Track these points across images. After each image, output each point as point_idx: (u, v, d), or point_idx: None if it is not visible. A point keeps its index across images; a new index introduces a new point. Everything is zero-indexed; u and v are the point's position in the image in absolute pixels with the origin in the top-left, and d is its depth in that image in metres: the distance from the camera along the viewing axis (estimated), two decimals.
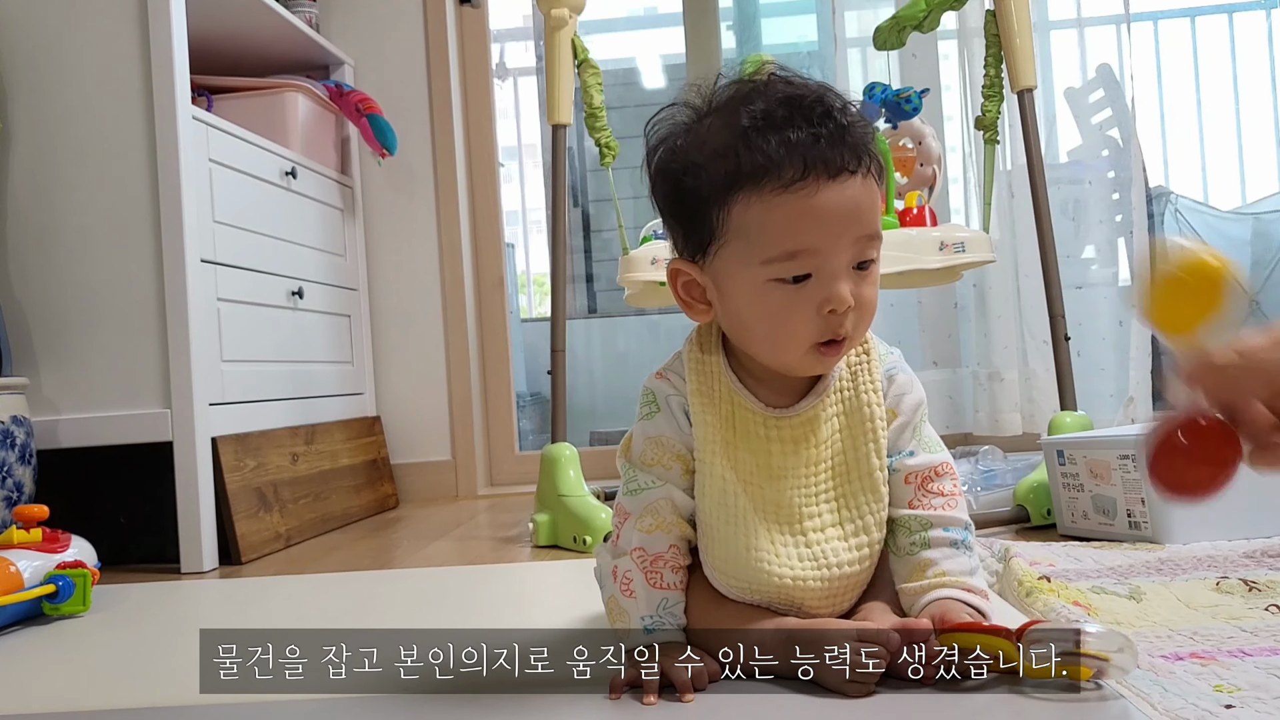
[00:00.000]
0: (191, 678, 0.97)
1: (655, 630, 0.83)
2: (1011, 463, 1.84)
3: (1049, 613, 0.95)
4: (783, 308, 0.79)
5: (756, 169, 0.78)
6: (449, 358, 2.50)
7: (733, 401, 0.86)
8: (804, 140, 0.77)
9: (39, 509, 1.31)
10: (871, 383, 0.87)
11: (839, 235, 0.78)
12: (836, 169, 0.77)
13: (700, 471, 0.85)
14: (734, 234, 0.80)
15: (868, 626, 0.76)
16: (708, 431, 0.85)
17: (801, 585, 0.83)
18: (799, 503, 0.84)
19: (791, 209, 0.77)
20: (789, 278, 0.79)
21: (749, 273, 0.80)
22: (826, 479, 0.85)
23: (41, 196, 1.70)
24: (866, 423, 0.86)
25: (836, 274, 0.79)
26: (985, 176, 1.79)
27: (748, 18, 3.53)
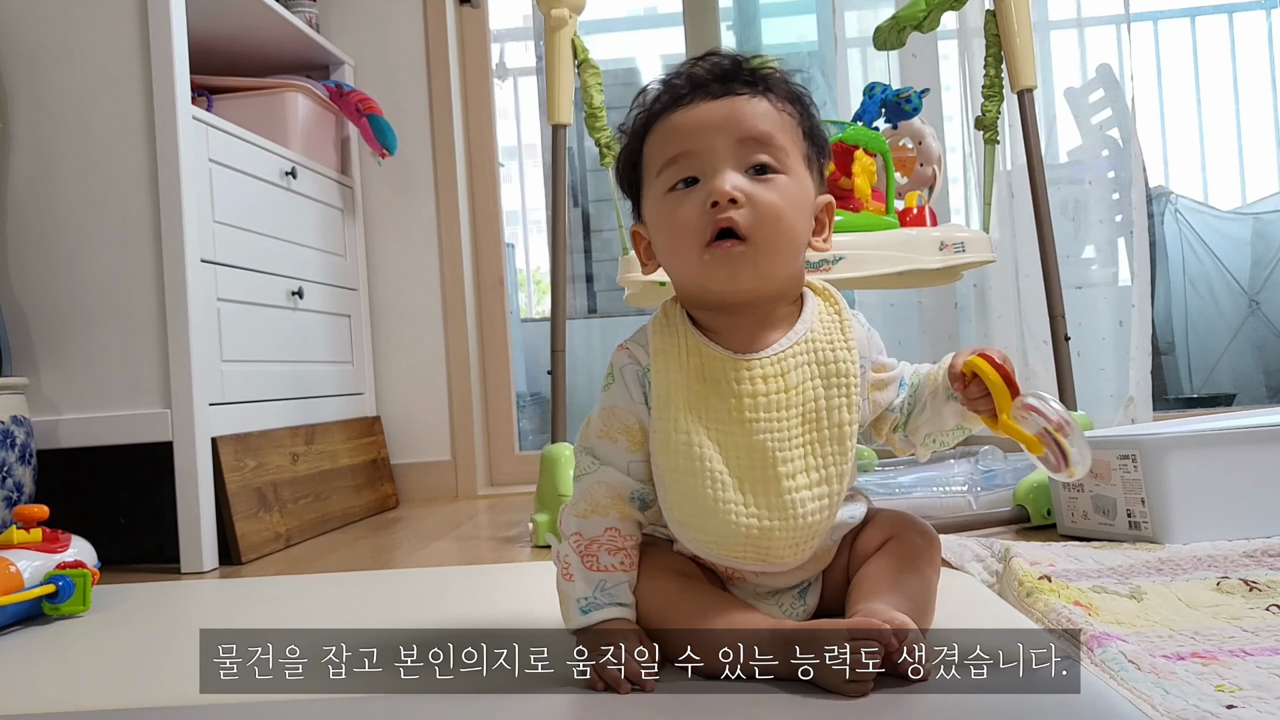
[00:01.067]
0: (191, 678, 0.98)
1: (591, 610, 0.85)
2: (1011, 463, 1.84)
3: (1049, 613, 0.94)
4: (675, 210, 0.86)
5: (656, 109, 0.89)
6: (449, 358, 2.50)
7: (700, 353, 0.88)
8: (689, 74, 0.88)
9: (39, 509, 1.31)
10: (844, 338, 0.89)
11: (715, 136, 0.85)
12: (721, 92, 0.86)
13: (660, 431, 0.86)
14: (645, 168, 0.90)
15: (859, 624, 0.76)
16: (670, 389, 0.87)
17: (769, 533, 0.85)
18: (772, 447, 0.85)
19: (672, 122, 0.87)
20: (679, 183, 0.86)
21: (652, 193, 0.88)
22: (797, 424, 0.86)
23: (42, 197, 1.70)
24: (837, 376, 0.88)
25: (718, 173, 0.84)
26: (985, 176, 1.79)
27: (748, 18, 3.53)
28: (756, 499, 0.85)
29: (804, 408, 0.87)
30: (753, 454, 0.85)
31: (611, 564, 0.86)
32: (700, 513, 0.85)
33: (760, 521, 0.84)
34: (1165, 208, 2.93)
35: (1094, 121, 2.47)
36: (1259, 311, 2.97)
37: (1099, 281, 2.45)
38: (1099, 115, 2.46)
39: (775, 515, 0.85)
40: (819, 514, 0.86)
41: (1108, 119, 2.44)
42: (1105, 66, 2.44)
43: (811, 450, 0.86)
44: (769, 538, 0.85)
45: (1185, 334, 3.06)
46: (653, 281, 1.69)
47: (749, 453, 0.85)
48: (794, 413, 0.86)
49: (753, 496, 0.85)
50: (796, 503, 0.85)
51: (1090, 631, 0.85)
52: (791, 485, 0.85)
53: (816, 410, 0.87)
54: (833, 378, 0.88)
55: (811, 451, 0.86)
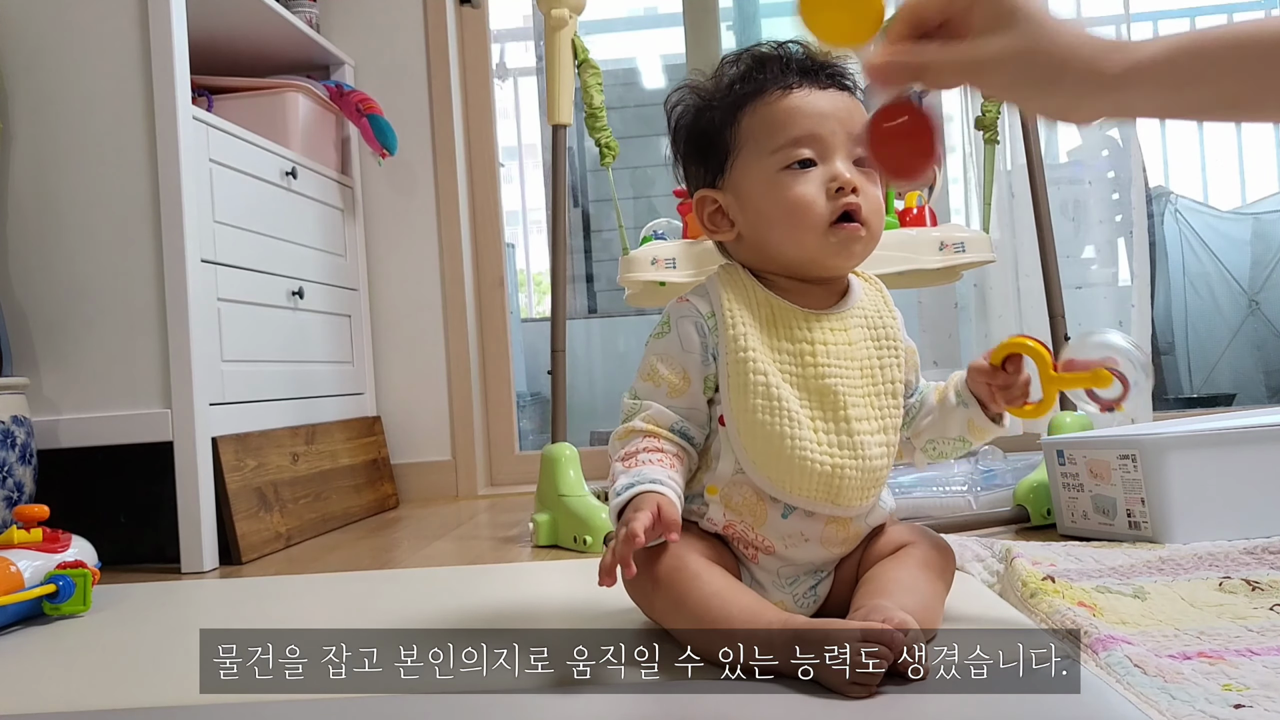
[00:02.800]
0: (191, 678, 0.98)
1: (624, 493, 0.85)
2: (1011, 463, 1.84)
3: (1053, 614, 0.94)
4: (796, 188, 0.90)
5: (759, 85, 0.93)
6: (449, 358, 2.50)
7: (771, 305, 0.93)
8: (795, 65, 0.94)
9: (39, 509, 1.31)
10: (888, 309, 0.98)
11: (834, 125, 0.91)
12: (825, 84, 0.93)
13: (736, 373, 0.90)
14: (745, 140, 0.93)
15: (871, 626, 0.76)
16: (745, 332, 0.91)
17: (840, 471, 0.89)
18: (842, 391, 0.91)
19: (791, 104, 0.92)
20: (796, 163, 0.90)
21: (761, 166, 0.92)
22: (858, 376, 0.92)
23: (42, 196, 1.70)
24: (887, 340, 0.95)
25: (836, 159, 0.91)
26: (985, 176, 1.79)
27: (748, 18, 3.53)
28: (829, 438, 0.89)
29: (863, 363, 0.93)
30: (824, 397, 0.90)
31: (649, 459, 0.88)
32: (776, 452, 0.89)
33: (833, 459, 0.89)
34: (1165, 208, 2.93)
35: None
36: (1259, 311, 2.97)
37: (1099, 281, 2.45)
38: None
39: (847, 454, 0.89)
40: (882, 459, 0.92)
41: None
42: None
43: (871, 402, 0.92)
44: (840, 476, 0.89)
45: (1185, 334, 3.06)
46: (653, 281, 1.69)
47: (820, 395, 0.90)
48: (855, 366, 0.92)
49: (825, 436, 0.89)
50: (864, 444, 0.90)
51: (1095, 635, 0.85)
52: (860, 428, 0.91)
53: (873, 367, 0.93)
54: (883, 340, 0.95)
55: (872, 403, 0.92)
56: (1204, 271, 3.01)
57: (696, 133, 0.97)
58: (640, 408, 0.93)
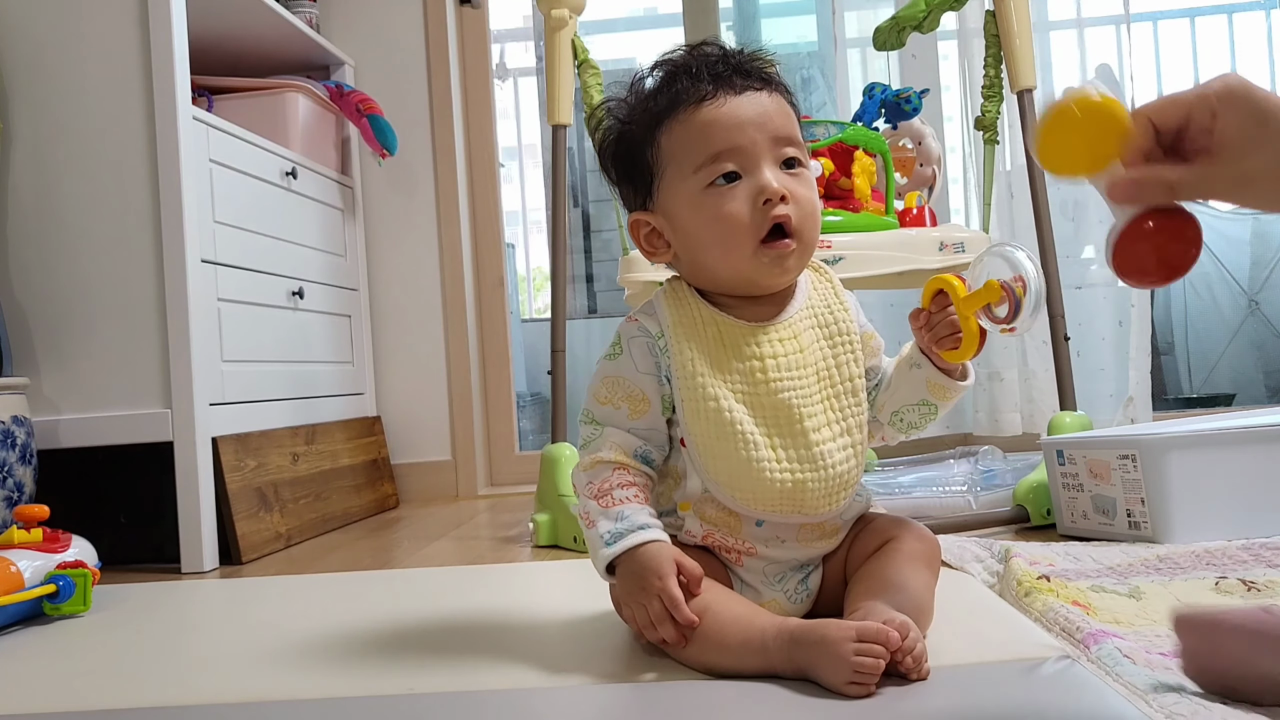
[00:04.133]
0: (191, 678, 0.98)
1: (614, 541, 0.85)
2: (1011, 463, 1.84)
3: (1048, 613, 0.95)
4: (722, 206, 0.88)
5: (672, 101, 0.90)
6: (449, 358, 2.51)
7: (716, 323, 0.91)
8: (706, 72, 0.89)
9: (39, 509, 1.31)
10: (839, 301, 0.96)
11: (754, 133, 0.87)
12: (741, 87, 0.89)
13: (689, 399, 0.89)
14: (667, 161, 0.91)
15: (867, 625, 0.76)
16: (692, 357, 0.90)
17: (802, 485, 0.88)
18: (796, 403, 0.89)
19: (706, 117, 0.88)
20: (719, 179, 0.88)
21: (686, 187, 0.89)
22: (814, 382, 0.91)
23: (42, 197, 1.70)
24: (842, 334, 0.94)
25: (761, 169, 0.87)
26: (985, 177, 1.79)
27: (748, 18, 3.53)
28: (788, 454, 0.89)
29: (817, 367, 0.91)
30: (778, 412, 0.89)
31: (625, 497, 0.88)
32: (736, 473, 0.88)
33: (794, 475, 0.88)
34: None
35: None
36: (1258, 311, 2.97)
37: (1099, 281, 2.45)
38: None
39: (807, 467, 0.89)
40: (846, 464, 0.91)
41: None
42: (1105, 67, 2.44)
43: (830, 405, 0.91)
44: (803, 489, 0.88)
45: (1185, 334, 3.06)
46: (653, 281, 1.69)
47: (774, 411, 0.89)
48: (809, 371, 0.91)
49: (783, 452, 0.88)
50: (825, 454, 0.89)
51: (1087, 629, 0.85)
52: (818, 438, 0.89)
53: (828, 368, 0.92)
54: (836, 337, 0.93)
55: (830, 407, 0.91)
56: (1204, 271, 3.01)
57: (620, 155, 0.95)
58: (602, 435, 0.91)
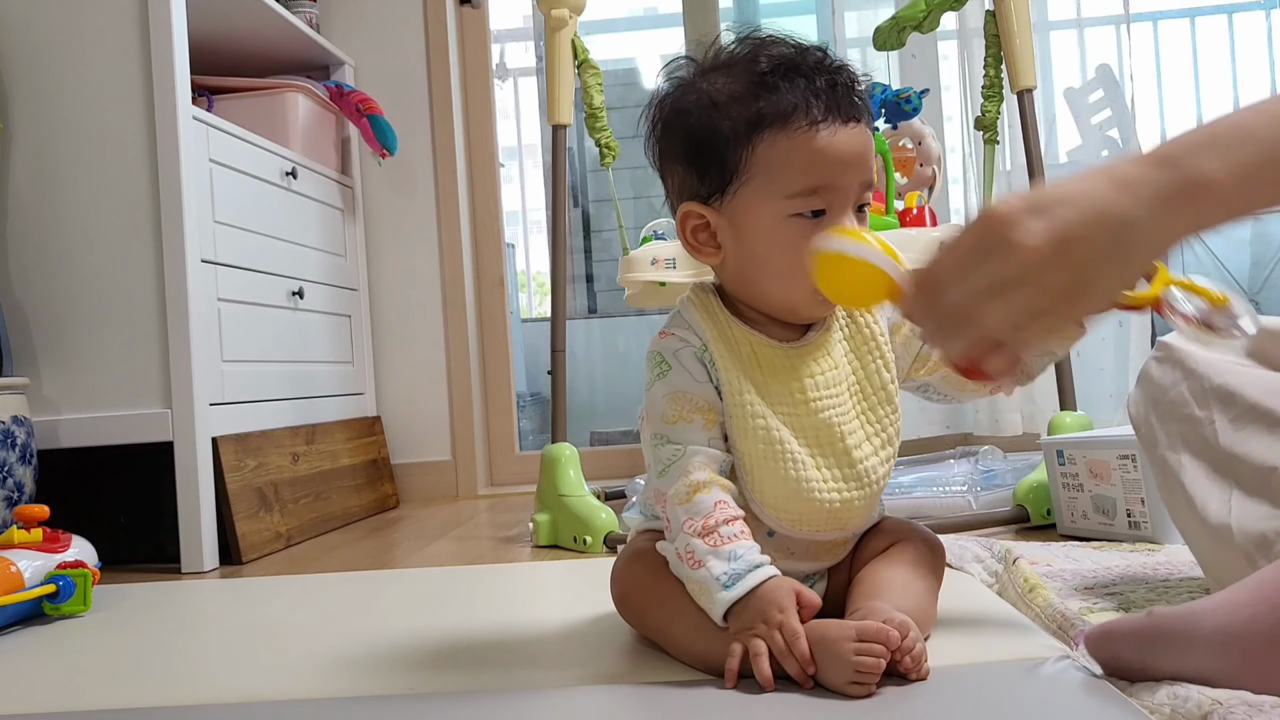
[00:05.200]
0: (191, 678, 0.98)
1: (734, 583, 0.80)
2: (1011, 463, 1.84)
3: (1048, 609, 0.95)
4: (801, 241, 0.83)
5: (783, 109, 0.83)
6: (449, 358, 2.51)
7: (750, 343, 0.89)
8: (823, 87, 0.84)
9: (39, 509, 1.31)
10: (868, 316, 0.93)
11: (852, 175, 0.84)
12: (850, 115, 0.85)
13: (735, 414, 0.87)
14: (758, 171, 0.85)
15: (867, 624, 0.76)
16: (736, 375, 0.87)
17: (849, 505, 0.88)
18: (837, 421, 0.88)
19: (817, 146, 0.83)
20: (808, 212, 0.84)
21: (771, 207, 0.85)
22: (849, 397, 0.90)
23: (42, 197, 1.70)
24: (869, 341, 0.92)
25: (845, 211, 0.85)
26: (985, 177, 1.79)
27: (748, 18, 3.53)
28: (833, 473, 0.88)
29: (849, 382, 0.90)
30: (819, 432, 0.88)
31: (733, 534, 0.83)
32: (785, 494, 0.87)
33: (841, 494, 0.88)
34: None
35: (1094, 122, 2.47)
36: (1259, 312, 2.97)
37: None
38: (1099, 116, 2.46)
39: (853, 485, 0.88)
40: (884, 477, 0.91)
41: (1107, 119, 2.44)
42: (1105, 67, 2.44)
43: (867, 419, 0.90)
44: (849, 509, 0.88)
45: None
46: (653, 281, 1.69)
47: (816, 432, 0.88)
48: (843, 388, 0.90)
49: (828, 472, 0.88)
50: (868, 471, 0.89)
51: (1082, 627, 0.85)
52: (860, 454, 0.89)
53: (860, 381, 0.91)
54: (864, 345, 0.92)
55: (867, 420, 0.90)
56: (1204, 271, 3.01)
57: (698, 136, 0.86)
58: (685, 454, 0.86)
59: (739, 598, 0.80)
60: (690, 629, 0.84)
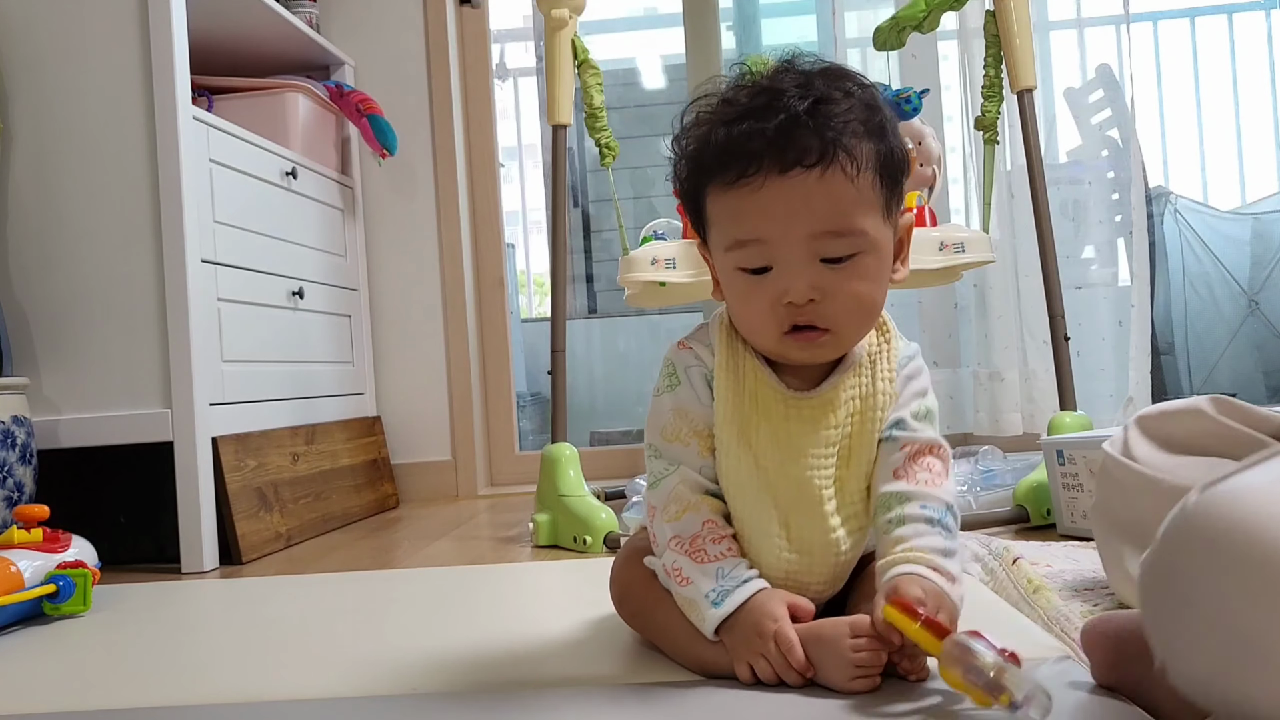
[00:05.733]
0: (191, 678, 0.98)
1: (723, 600, 0.80)
2: (1011, 463, 1.84)
3: (1051, 610, 0.95)
4: (747, 296, 0.82)
5: (716, 162, 0.81)
6: (449, 358, 2.51)
7: (756, 378, 0.85)
8: (755, 133, 0.78)
9: (39, 509, 1.31)
10: (888, 371, 0.87)
11: (787, 228, 0.78)
12: (788, 163, 0.77)
13: (724, 448, 0.85)
14: (711, 222, 0.85)
15: (858, 618, 0.76)
16: (728, 408, 0.85)
17: (808, 569, 0.85)
18: (819, 484, 0.84)
19: (738, 200, 0.80)
20: (749, 268, 0.81)
21: (721, 259, 0.84)
22: (833, 463, 0.85)
23: (42, 196, 1.70)
24: (874, 411, 0.86)
25: (793, 267, 0.79)
26: (985, 177, 1.79)
27: (748, 18, 3.53)
28: (802, 534, 0.84)
29: (842, 445, 0.85)
30: (800, 489, 0.84)
31: (720, 552, 0.83)
32: (750, 536, 0.85)
33: (801, 557, 0.84)
34: (1165, 208, 2.93)
35: (1094, 122, 2.47)
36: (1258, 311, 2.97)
37: (1099, 281, 2.45)
38: (1099, 115, 2.46)
39: (818, 550, 0.85)
40: (855, 549, 0.87)
41: (1107, 119, 2.44)
42: (1105, 67, 2.44)
43: (842, 488, 0.85)
44: (809, 573, 0.85)
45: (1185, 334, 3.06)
46: (653, 282, 1.69)
47: (798, 487, 0.84)
48: (833, 450, 0.85)
49: (796, 530, 0.84)
50: (836, 542, 0.85)
51: None
52: (833, 524, 0.85)
53: (852, 448, 0.85)
54: (869, 411, 0.86)
55: (841, 490, 0.85)
56: (1204, 271, 3.01)
57: (683, 186, 0.86)
58: (676, 474, 0.86)
59: (729, 614, 0.80)
60: (689, 632, 0.84)
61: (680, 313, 3.33)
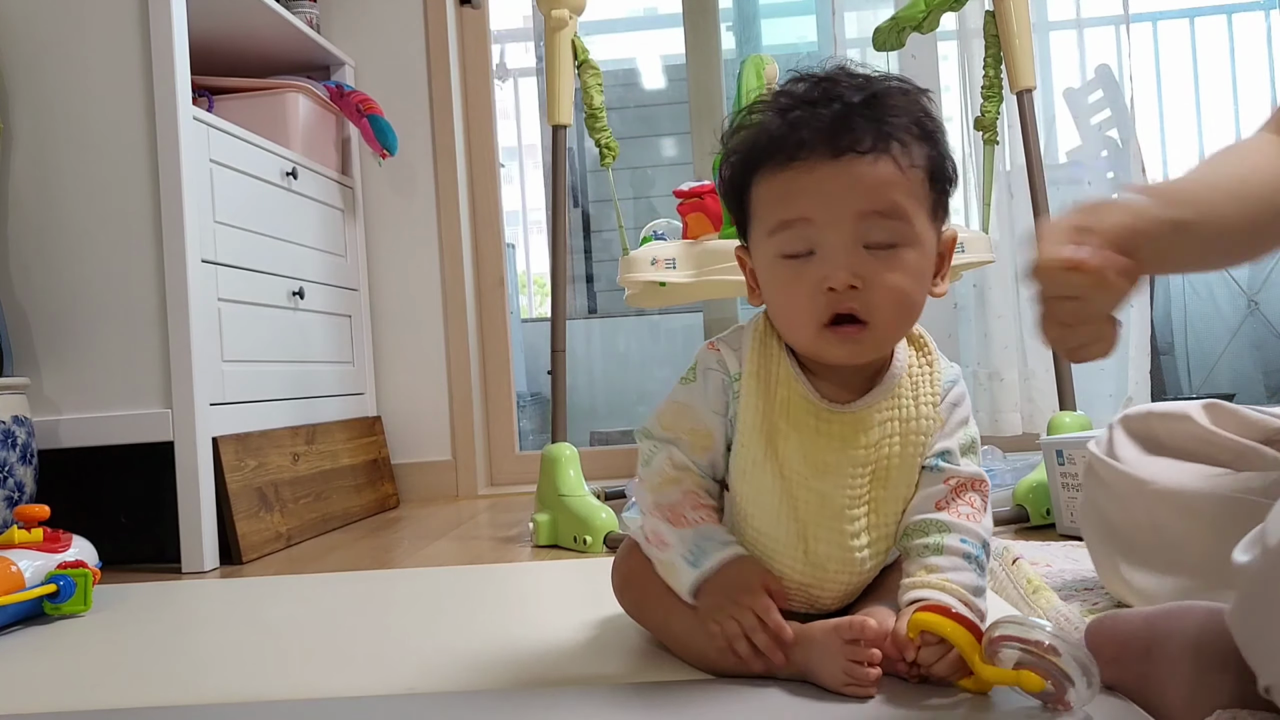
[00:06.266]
0: (191, 678, 0.98)
1: (700, 560, 0.81)
2: (1011, 462, 1.84)
3: (1050, 611, 0.95)
4: (788, 283, 0.81)
5: (767, 148, 0.81)
6: (449, 358, 2.51)
7: (790, 387, 0.84)
8: (807, 119, 0.79)
9: (40, 509, 1.31)
10: (931, 393, 0.86)
11: (836, 208, 0.78)
12: (840, 149, 0.78)
13: (741, 456, 0.85)
14: (755, 213, 0.84)
15: (842, 620, 0.76)
16: (756, 417, 0.84)
17: (821, 584, 0.85)
18: (843, 503, 0.83)
19: (787, 181, 0.80)
20: (792, 253, 0.80)
21: (763, 248, 0.83)
22: (867, 480, 0.84)
23: (42, 197, 1.70)
24: (915, 434, 0.84)
25: (836, 251, 0.78)
26: (985, 177, 1.79)
27: (748, 18, 3.53)
28: (819, 549, 0.84)
29: (877, 465, 0.84)
30: (824, 503, 0.83)
31: (699, 517, 0.84)
32: (765, 550, 0.85)
33: (816, 572, 0.84)
34: None
35: (1093, 122, 2.47)
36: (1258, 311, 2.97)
37: None
38: (1098, 116, 2.46)
39: (833, 567, 0.84)
40: (875, 568, 0.87)
41: (1107, 119, 2.44)
42: (1104, 67, 2.44)
43: (876, 508, 0.84)
44: (821, 588, 0.85)
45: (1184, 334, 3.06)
46: (653, 282, 1.69)
47: (820, 501, 0.83)
48: (866, 470, 0.83)
49: (816, 544, 0.84)
50: (858, 561, 0.84)
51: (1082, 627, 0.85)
52: (857, 544, 0.84)
53: (888, 469, 0.84)
54: (910, 435, 0.84)
55: (876, 510, 0.84)
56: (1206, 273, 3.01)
57: (729, 184, 0.87)
58: (663, 452, 0.87)
59: (707, 575, 0.81)
60: (688, 623, 0.84)
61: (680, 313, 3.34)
